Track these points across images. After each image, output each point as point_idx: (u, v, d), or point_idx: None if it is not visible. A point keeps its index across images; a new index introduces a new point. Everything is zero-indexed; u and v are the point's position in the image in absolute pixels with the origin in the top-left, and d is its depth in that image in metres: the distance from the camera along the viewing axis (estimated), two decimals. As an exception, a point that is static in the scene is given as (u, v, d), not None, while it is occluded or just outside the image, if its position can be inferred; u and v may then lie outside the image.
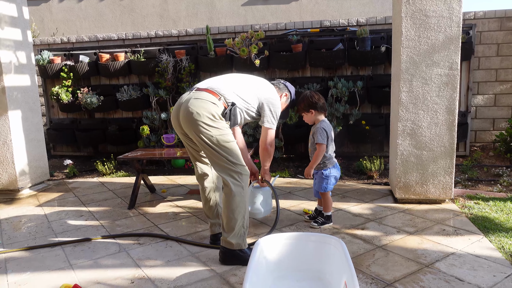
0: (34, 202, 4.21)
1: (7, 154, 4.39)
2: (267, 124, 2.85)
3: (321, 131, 3.06)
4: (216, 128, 2.57)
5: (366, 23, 5.80)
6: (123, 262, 2.73)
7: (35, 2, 10.82)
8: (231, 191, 2.59)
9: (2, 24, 4.27)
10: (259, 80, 2.94)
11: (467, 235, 2.98)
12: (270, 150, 2.94)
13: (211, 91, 2.63)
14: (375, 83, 5.30)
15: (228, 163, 2.60)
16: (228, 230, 2.61)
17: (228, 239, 2.60)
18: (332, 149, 3.17)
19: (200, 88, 2.67)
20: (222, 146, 2.58)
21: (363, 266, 2.56)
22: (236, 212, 2.59)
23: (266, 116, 2.84)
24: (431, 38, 3.47)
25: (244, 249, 2.64)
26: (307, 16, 9.98)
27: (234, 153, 2.63)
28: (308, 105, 3.10)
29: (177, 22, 10.53)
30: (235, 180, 2.60)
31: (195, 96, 2.61)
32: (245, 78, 2.90)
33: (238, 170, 2.62)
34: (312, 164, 3.11)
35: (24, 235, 3.29)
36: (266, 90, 2.87)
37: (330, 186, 3.16)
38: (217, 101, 2.61)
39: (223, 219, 2.63)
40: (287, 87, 3.09)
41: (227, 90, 2.69)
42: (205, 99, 2.58)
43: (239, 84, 2.78)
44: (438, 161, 3.61)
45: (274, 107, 2.86)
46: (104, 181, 5.02)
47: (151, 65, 5.66)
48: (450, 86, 3.50)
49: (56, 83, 6.12)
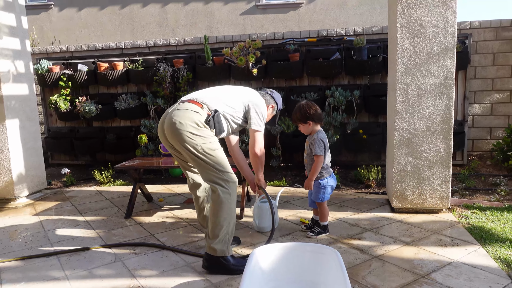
0: (31, 211, 4.20)
1: (4, 163, 4.39)
2: (254, 126, 2.84)
3: (318, 142, 3.05)
4: (200, 137, 2.58)
5: (363, 33, 5.84)
6: (118, 272, 2.72)
7: (35, 11, 10.89)
8: (218, 197, 2.60)
9: (1, 34, 4.30)
10: (244, 88, 2.99)
11: (463, 245, 2.97)
12: (260, 155, 2.91)
13: (193, 101, 2.68)
14: (372, 92, 5.32)
15: (215, 171, 2.61)
16: (212, 237, 2.62)
17: (212, 245, 2.61)
18: (328, 158, 3.18)
19: (184, 100, 2.73)
20: (207, 154, 2.59)
21: (359, 276, 2.55)
22: (222, 219, 2.60)
23: (252, 119, 2.83)
24: (426, 48, 3.49)
25: (227, 257, 2.64)
26: (305, 26, 10.05)
27: (221, 161, 2.64)
28: (306, 116, 3.06)
29: (176, 31, 10.59)
30: (223, 187, 2.62)
31: (178, 107, 2.66)
32: (230, 87, 2.96)
33: (225, 178, 2.63)
34: (312, 176, 3.09)
35: (20, 245, 3.28)
36: (250, 94, 2.92)
37: (327, 196, 3.16)
38: (200, 109, 2.64)
39: (209, 225, 2.64)
40: (274, 98, 3.10)
41: (210, 98, 2.73)
42: (187, 109, 2.62)
43: (223, 92, 2.83)
44: (435, 170, 3.62)
45: (260, 108, 2.86)
46: (102, 190, 5.01)
47: (149, 74, 5.69)
48: (446, 95, 3.52)
49: (55, 91, 6.13)
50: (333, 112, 5.22)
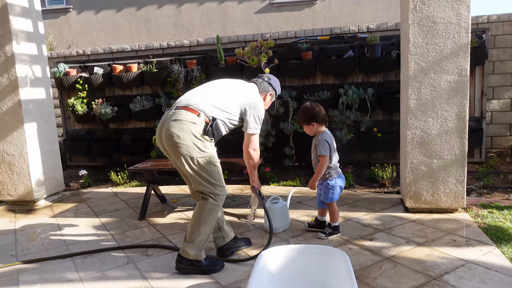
0: (49, 213, 4.31)
1: (23, 166, 4.51)
2: (251, 130, 2.82)
3: (323, 143, 3.05)
4: (198, 150, 2.58)
5: (376, 30, 5.76)
6: (130, 274, 2.77)
7: (54, 15, 11.13)
8: (206, 207, 2.64)
9: (18, 40, 4.41)
10: (239, 85, 2.90)
11: (478, 246, 2.91)
12: (254, 155, 2.88)
13: (189, 109, 2.62)
14: (386, 90, 5.25)
15: (207, 185, 2.64)
16: (189, 241, 2.66)
17: (186, 249, 2.65)
18: (336, 159, 3.15)
19: (179, 107, 2.66)
20: (203, 167, 2.61)
21: (369, 278, 2.53)
22: (202, 227, 2.64)
23: (249, 122, 2.80)
24: (439, 44, 3.42)
25: (201, 260, 2.68)
26: (320, 23, 9.97)
27: (215, 174, 2.66)
28: (310, 117, 3.08)
29: (191, 31, 10.66)
30: (212, 199, 2.66)
31: (174, 117, 2.60)
32: (225, 86, 2.86)
33: (216, 192, 2.67)
34: (316, 176, 3.09)
35: (37, 246, 3.37)
36: (247, 95, 2.84)
37: (336, 196, 3.13)
38: (197, 118, 2.59)
39: (188, 228, 2.68)
40: (272, 85, 3.05)
41: (206, 104, 2.66)
42: (184, 120, 2.57)
43: (218, 95, 2.74)
44: (449, 170, 3.54)
45: (257, 111, 2.82)
46: (117, 191, 5.09)
47: (163, 76, 5.75)
48: (460, 93, 3.44)
49: (72, 94, 6.26)
50: (346, 110, 5.17)
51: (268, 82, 3.04)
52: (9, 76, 4.39)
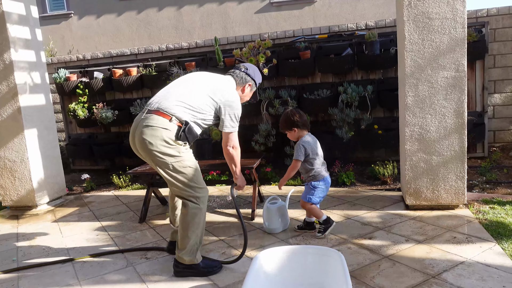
0: (51, 218, 4.33)
1: (24, 172, 4.55)
2: (227, 129, 2.72)
3: (299, 147, 3.11)
4: (171, 156, 2.54)
5: (375, 26, 5.73)
6: (129, 277, 2.77)
7: (55, 21, 11.21)
8: (188, 212, 2.62)
9: (16, 47, 4.44)
10: (214, 81, 2.76)
11: (478, 243, 2.88)
12: (233, 152, 2.79)
13: (161, 113, 2.54)
14: (386, 87, 5.22)
15: (185, 189, 2.62)
16: (181, 248, 2.66)
17: (181, 255, 2.66)
18: (319, 162, 3.16)
19: (151, 110, 2.58)
20: (179, 172, 2.58)
21: (367, 277, 2.51)
22: (190, 232, 2.63)
23: (225, 121, 2.71)
24: (436, 40, 3.39)
25: (198, 263, 2.69)
26: (321, 21, 9.93)
27: (193, 177, 2.63)
28: (290, 124, 3.15)
29: (192, 33, 10.67)
30: (193, 203, 2.64)
31: (146, 122, 2.54)
32: (199, 83, 2.72)
33: (196, 195, 2.64)
34: (285, 178, 3.20)
35: (38, 251, 3.39)
36: (222, 92, 2.71)
37: (314, 199, 3.15)
38: (169, 123, 2.53)
39: (178, 235, 2.68)
40: (249, 75, 2.91)
41: (178, 107, 2.56)
42: (156, 126, 2.51)
43: (191, 95, 2.63)
44: (449, 166, 3.51)
45: (233, 109, 2.71)
46: (119, 194, 5.11)
47: (162, 78, 5.75)
48: (458, 88, 3.41)
49: (73, 99, 6.29)
50: (346, 108, 5.14)
51: (246, 72, 2.91)
52: (8, 83, 4.42)
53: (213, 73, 2.91)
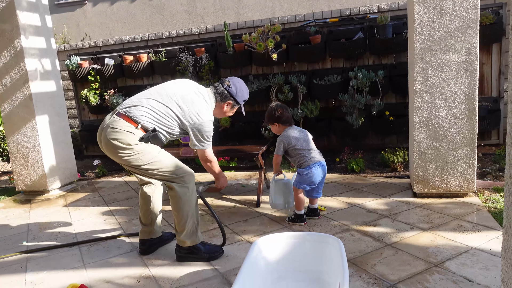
0: (62, 203, 4.42)
1: (36, 157, 4.63)
2: (196, 147, 2.70)
3: (278, 142, 3.21)
4: (136, 153, 2.53)
5: (388, 9, 5.56)
6: (132, 261, 2.82)
7: (70, 8, 11.29)
8: (176, 193, 2.64)
9: (26, 34, 4.48)
10: (189, 101, 2.64)
11: (485, 231, 2.81)
12: (210, 165, 2.86)
13: (129, 119, 2.53)
14: (399, 72, 5.09)
15: (164, 176, 2.63)
16: (180, 231, 2.68)
17: (181, 238, 2.68)
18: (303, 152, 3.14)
19: (120, 114, 2.56)
20: (150, 163, 2.57)
21: (368, 265, 2.49)
22: (185, 212, 2.65)
23: (193, 141, 2.68)
24: (446, 22, 3.28)
25: (198, 245, 2.71)
26: (335, 4, 9.73)
27: (166, 163, 2.61)
28: (272, 118, 3.25)
29: (205, 18, 10.61)
30: (177, 183, 2.64)
31: (112, 124, 2.52)
32: (171, 100, 2.62)
33: (178, 176, 2.64)
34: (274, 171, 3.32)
35: (47, 235, 3.47)
36: (191, 116, 2.62)
37: (302, 185, 3.13)
38: (135, 129, 2.51)
39: (175, 221, 2.71)
40: (231, 94, 2.79)
41: (146, 118, 2.55)
42: (121, 129, 2.50)
43: (161, 110, 2.59)
44: (458, 153, 3.43)
45: (202, 132, 2.67)
46: (129, 180, 5.18)
47: (172, 65, 5.75)
48: (469, 72, 3.30)
49: (85, 86, 6.36)
50: (357, 94, 5.05)
51: (227, 89, 2.78)
52: (19, 70, 4.48)
53: (194, 84, 2.80)
